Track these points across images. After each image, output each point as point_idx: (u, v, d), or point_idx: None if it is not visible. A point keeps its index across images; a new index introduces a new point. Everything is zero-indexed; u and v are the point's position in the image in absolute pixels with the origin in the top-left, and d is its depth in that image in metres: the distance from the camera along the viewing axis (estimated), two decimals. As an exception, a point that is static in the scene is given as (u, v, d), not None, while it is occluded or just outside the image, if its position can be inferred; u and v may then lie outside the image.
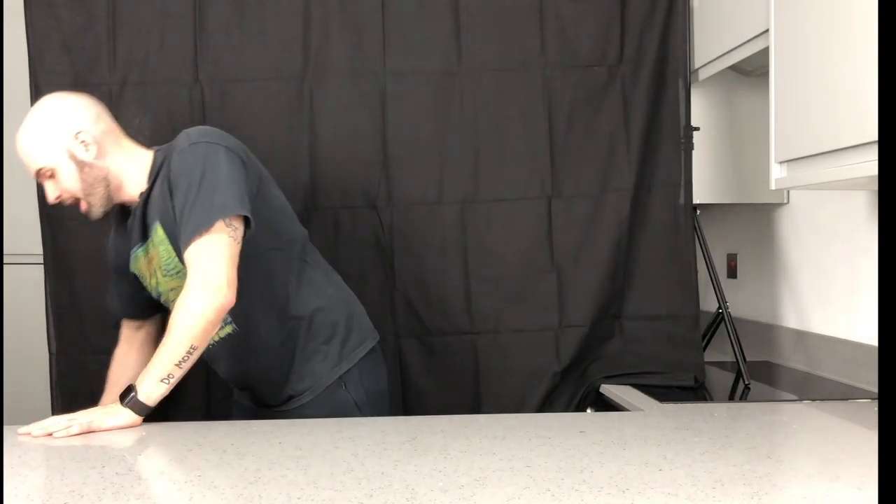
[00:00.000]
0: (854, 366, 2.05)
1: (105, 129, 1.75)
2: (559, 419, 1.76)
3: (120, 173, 1.75)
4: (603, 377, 2.19)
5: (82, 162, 1.70)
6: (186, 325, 1.58)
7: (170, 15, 2.18)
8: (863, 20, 1.49)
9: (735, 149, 2.49)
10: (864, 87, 1.48)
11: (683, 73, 2.25)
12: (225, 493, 1.16)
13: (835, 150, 1.60)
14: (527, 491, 1.16)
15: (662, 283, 2.25)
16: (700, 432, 1.53)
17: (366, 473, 1.24)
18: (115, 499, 1.14)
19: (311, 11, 2.20)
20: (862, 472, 1.24)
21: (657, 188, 2.25)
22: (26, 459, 1.36)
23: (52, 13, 2.16)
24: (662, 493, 1.14)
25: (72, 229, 2.17)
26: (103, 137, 1.74)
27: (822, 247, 2.27)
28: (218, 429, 1.59)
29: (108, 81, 2.17)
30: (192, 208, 1.61)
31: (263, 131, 2.17)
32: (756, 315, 2.60)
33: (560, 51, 2.24)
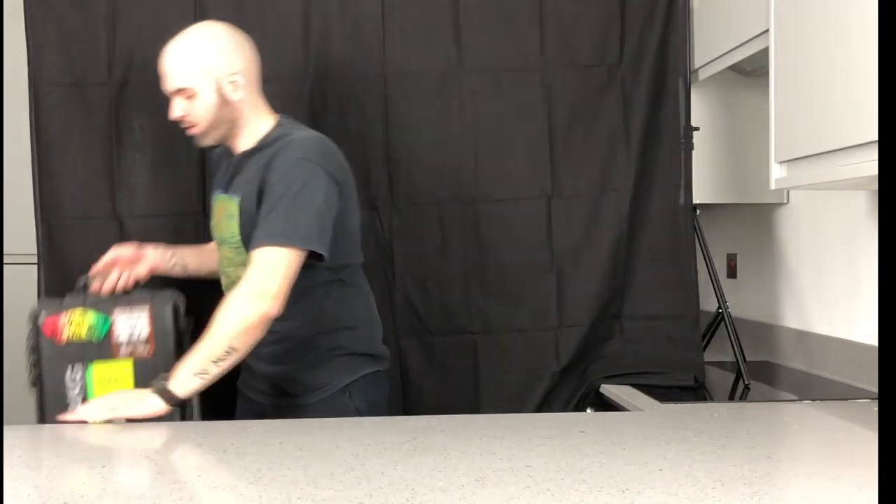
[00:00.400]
0: (854, 366, 2.05)
1: (255, 76, 1.82)
2: (559, 419, 1.76)
3: (246, 124, 1.81)
4: (603, 377, 2.19)
5: (225, 100, 1.77)
6: (229, 325, 1.63)
7: (170, 15, 2.18)
8: (862, 20, 1.49)
9: (735, 149, 2.49)
10: (864, 87, 1.48)
11: (683, 73, 2.25)
12: (225, 493, 1.16)
13: (835, 150, 1.60)
14: (527, 491, 1.16)
15: (662, 283, 2.25)
16: (700, 432, 1.53)
17: (366, 473, 1.24)
18: (115, 499, 1.14)
19: (311, 11, 2.20)
20: (862, 472, 1.24)
21: (657, 188, 2.25)
22: (26, 459, 1.36)
23: (52, 13, 2.16)
24: (662, 493, 1.14)
25: (68, 229, 2.16)
26: (251, 85, 1.80)
27: (822, 247, 2.27)
28: (218, 429, 1.59)
29: (107, 81, 2.16)
30: (278, 217, 1.67)
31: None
32: (756, 315, 2.60)
33: (560, 51, 2.24)
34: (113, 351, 1.80)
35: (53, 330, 1.80)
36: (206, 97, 1.76)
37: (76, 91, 2.16)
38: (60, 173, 2.16)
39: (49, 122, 2.15)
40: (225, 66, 1.77)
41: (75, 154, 2.16)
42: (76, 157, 2.16)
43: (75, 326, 1.79)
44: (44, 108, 2.15)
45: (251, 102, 1.82)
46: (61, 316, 1.80)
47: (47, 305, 1.83)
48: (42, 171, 2.15)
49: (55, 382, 1.79)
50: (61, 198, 2.16)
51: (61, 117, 2.16)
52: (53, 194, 2.16)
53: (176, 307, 1.85)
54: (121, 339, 1.80)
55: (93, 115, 2.16)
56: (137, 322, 1.81)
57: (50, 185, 2.16)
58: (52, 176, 2.16)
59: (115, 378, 1.79)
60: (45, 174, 2.15)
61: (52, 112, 2.15)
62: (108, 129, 2.16)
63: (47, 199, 2.16)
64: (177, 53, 1.78)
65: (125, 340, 1.80)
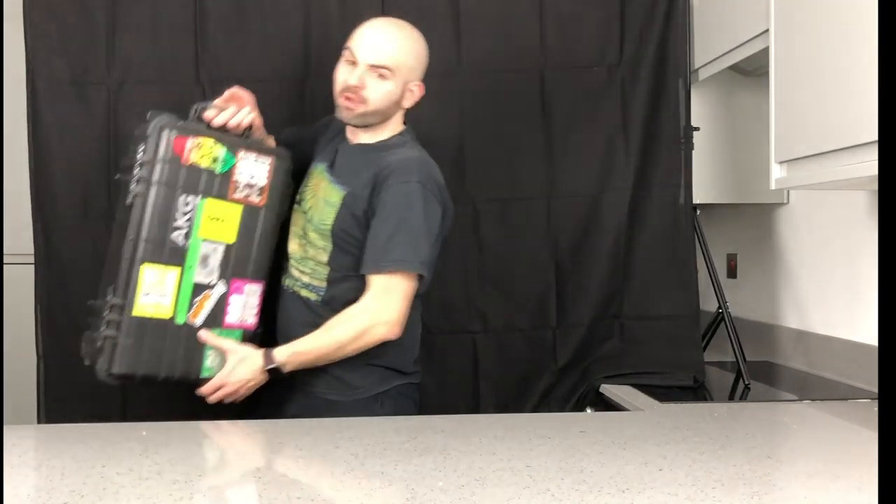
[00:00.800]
0: (854, 366, 2.05)
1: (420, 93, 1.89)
2: (559, 419, 1.76)
3: (385, 125, 1.88)
4: (603, 377, 2.19)
5: (401, 96, 1.84)
6: (350, 335, 1.75)
7: (169, 15, 2.18)
8: (862, 20, 1.49)
9: (735, 149, 2.49)
10: (863, 87, 1.48)
11: (683, 73, 2.25)
12: (225, 492, 1.16)
13: (835, 150, 1.60)
14: (527, 491, 1.16)
15: (662, 283, 2.25)
16: (700, 432, 1.53)
17: (366, 473, 1.24)
18: (115, 499, 1.14)
19: (311, 11, 2.20)
20: (862, 472, 1.24)
21: (657, 188, 2.25)
22: (26, 459, 1.36)
23: (52, 13, 2.15)
24: (662, 493, 1.14)
25: (65, 228, 2.16)
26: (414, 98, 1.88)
27: (822, 247, 2.27)
28: (218, 429, 1.59)
29: (107, 81, 2.16)
30: (401, 243, 1.75)
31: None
32: (756, 315, 2.60)
33: (559, 51, 2.24)
34: (229, 190, 1.75)
35: (181, 148, 1.70)
36: (393, 86, 1.81)
37: (75, 90, 2.16)
38: (58, 173, 2.15)
39: (47, 121, 2.15)
40: (417, 72, 1.86)
41: (73, 154, 2.16)
42: (74, 157, 2.16)
43: (203, 152, 1.72)
44: (42, 108, 2.15)
45: (402, 112, 1.90)
46: (189, 139, 1.71)
47: (167, 122, 1.73)
48: (39, 170, 2.15)
49: (163, 206, 1.70)
50: (58, 197, 2.15)
51: (59, 116, 2.15)
52: (50, 194, 2.15)
53: (290, 168, 1.84)
54: (240, 180, 1.75)
55: (91, 114, 2.16)
56: (259, 169, 1.77)
57: (47, 184, 2.15)
58: (49, 176, 2.15)
59: (222, 218, 1.74)
60: (42, 174, 2.15)
61: (50, 110, 2.15)
62: (107, 128, 2.16)
63: (44, 199, 2.15)
64: (394, 34, 1.82)
65: (244, 182, 1.76)
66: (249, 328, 1.80)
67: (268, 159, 1.79)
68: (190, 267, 1.72)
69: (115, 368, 1.68)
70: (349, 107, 1.80)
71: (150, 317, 1.70)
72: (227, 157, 1.74)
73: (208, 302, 1.75)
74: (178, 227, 1.70)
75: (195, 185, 1.72)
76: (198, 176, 1.72)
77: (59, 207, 2.15)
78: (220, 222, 1.74)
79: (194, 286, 1.73)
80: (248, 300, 1.79)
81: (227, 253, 1.75)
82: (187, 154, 1.70)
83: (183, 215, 1.70)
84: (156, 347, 1.70)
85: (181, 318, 1.73)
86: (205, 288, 1.74)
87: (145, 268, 1.69)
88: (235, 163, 1.75)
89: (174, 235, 1.71)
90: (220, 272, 1.75)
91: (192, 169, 1.71)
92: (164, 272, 1.70)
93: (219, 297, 1.76)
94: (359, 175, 1.82)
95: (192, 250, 1.72)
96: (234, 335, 1.78)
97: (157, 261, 1.69)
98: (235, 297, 1.78)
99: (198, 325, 1.74)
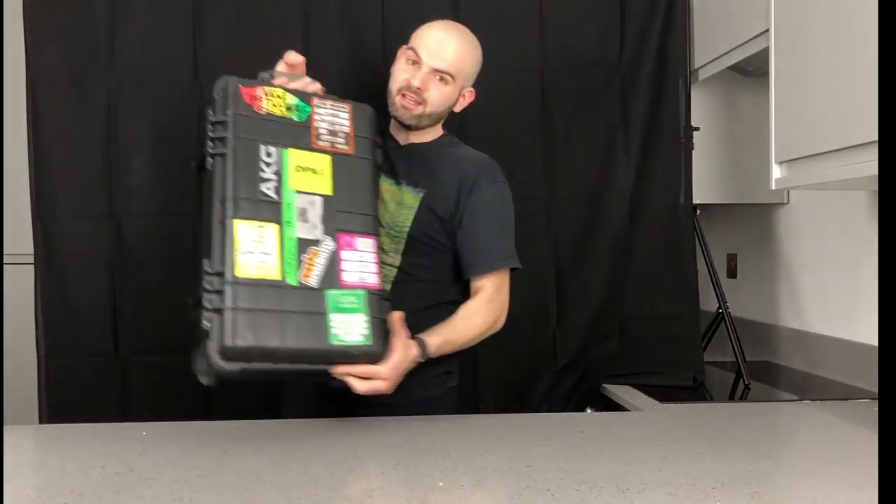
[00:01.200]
0: (854, 366, 2.05)
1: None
2: (559, 419, 1.76)
3: (435, 128, 1.88)
4: (603, 377, 2.19)
5: (454, 100, 1.84)
6: (484, 329, 1.76)
7: (169, 14, 2.18)
8: (863, 20, 1.49)
9: (735, 149, 2.49)
10: (864, 87, 1.48)
11: (683, 73, 2.25)
12: (225, 493, 1.16)
13: (835, 150, 1.60)
14: (527, 491, 1.16)
15: (662, 283, 2.25)
16: (700, 432, 1.53)
17: (366, 473, 1.24)
18: (115, 499, 1.14)
19: (311, 11, 2.20)
20: (862, 472, 1.24)
21: (657, 188, 2.25)
22: (26, 459, 1.36)
23: (52, 13, 2.16)
24: (662, 493, 1.14)
25: (65, 228, 2.16)
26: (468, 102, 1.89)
27: (822, 247, 2.27)
28: (218, 429, 1.59)
29: (107, 81, 2.16)
30: (505, 242, 1.80)
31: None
32: (756, 315, 2.60)
33: (560, 51, 2.24)
34: (311, 139, 1.59)
35: (252, 97, 1.56)
36: (452, 91, 1.81)
37: (74, 90, 2.16)
38: (57, 173, 2.15)
39: (47, 122, 2.15)
40: (472, 79, 1.86)
41: (73, 154, 2.16)
42: (73, 157, 2.16)
43: (275, 101, 1.58)
44: (42, 108, 2.15)
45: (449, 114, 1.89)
46: (258, 88, 1.57)
47: (232, 79, 1.58)
48: (39, 170, 2.15)
49: (245, 158, 1.52)
50: (58, 198, 2.15)
51: (59, 116, 2.15)
52: (50, 194, 2.15)
53: (374, 117, 1.70)
54: (321, 127, 1.60)
55: (91, 114, 2.16)
56: (339, 116, 1.63)
57: (47, 184, 2.15)
58: (49, 176, 2.15)
59: (313, 169, 1.57)
60: (42, 174, 2.15)
61: (50, 110, 2.15)
62: (107, 128, 2.16)
63: (44, 199, 2.15)
64: (459, 39, 1.82)
65: (326, 130, 1.61)
66: (373, 288, 1.55)
67: (345, 106, 1.65)
68: (288, 222, 1.52)
69: (228, 341, 1.39)
70: (407, 106, 1.79)
71: (257, 278, 1.46)
72: (301, 105, 1.60)
73: (318, 259, 1.54)
74: (265, 178, 1.52)
75: (275, 134, 1.56)
76: (275, 125, 1.56)
77: (60, 207, 2.15)
78: (312, 173, 1.57)
79: (298, 242, 1.52)
80: (362, 256, 1.58)
81: (327, 206, 1.56)
82: (259, 103, 1.56)
83: (268, 167, 1.54)
84: (272, 313, 1.45)
85: (292, 278, 1.49)
86: (311, 244, 1.53)
87: (239, 223, 1.48)
88: (312, 111, 1.60)
89: (263, 187, 1.52)
90: (324, 227, 1.55)
91: (268, 118, 1.56)
92: (261, 229, 1.50)
93: (330, 254, 1.54)
94: (434, 175, 1.81)
95: (287, 204, 1.53)
96: (358, 297, 1.53)
97: (250, 217, 1.49)
98: (348, 253, 1.56)
99: (313, 285, 1.50)
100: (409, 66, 1.79)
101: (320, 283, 1.50)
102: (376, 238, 1.60)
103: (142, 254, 2.16)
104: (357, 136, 1.63)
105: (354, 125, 1.64)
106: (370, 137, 1.66)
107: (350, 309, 1.51)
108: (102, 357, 2.13)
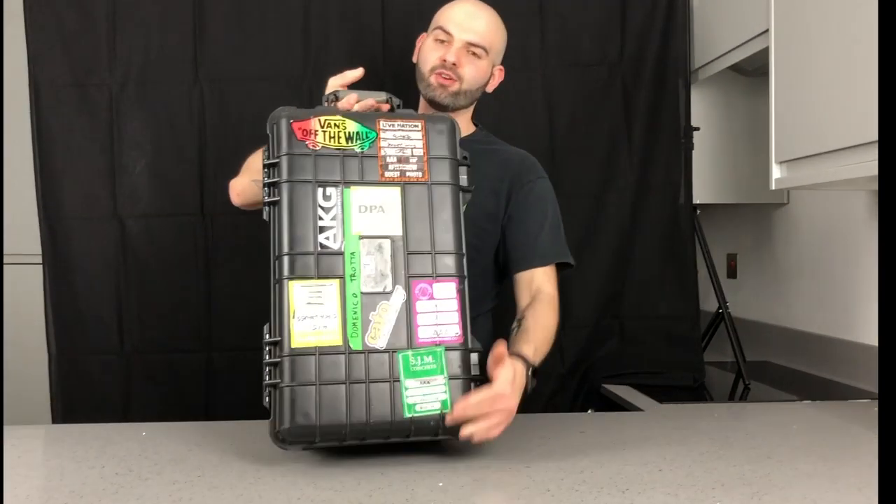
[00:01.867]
0: (854, 366, 2.05)
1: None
2: (559, 419, 1.76)
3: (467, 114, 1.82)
4: (603, 377, 2.19)
5: (487, 77, 1.79)
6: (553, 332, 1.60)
7: (170, 15, 2.18)
8: (863, 20, 1.49)
9: (735, 149, 2.49)
10: (864, 87, 1.48)
11: (683, 73, 2.25)
12: (225, 493, 1.16)
13: (835, 150, 1.60)
14: (527, 491, 1.16)
15: (662, 283, 2.25)
16: (700, 432, 1.53)
17: (366, 473, 1.24)
18: (115, 499, 1.14)
19: (311, 11, 2.20)
20: (862, 472, 1.24)
21: (657, 188, 2.25)
22: (26, 459, 1.36)
23: (52, 13, 2.16)
24: (662, 493, 1.14)
25: (71, 228, 2.17)
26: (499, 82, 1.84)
27: (822, 247, 2.27)
28: (218, 429, 1.59)
29: (107, 81, 2.17)
30: (558, 237, 1.74)
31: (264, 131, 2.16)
32: (756, 315, 2.60)
33: (560, 50, 2.24)
34: (378, 170, 1.37)
35: (306, 132, 1.37)
36: (486, 66, 1.76)
37: (77, 91, 2.16)
38: (61, 174, 2.16)
39: (50, 123, 2.16)
40: (501, 55, 1.82)
41: (76, 154, 2.17)
42: (77, 158, 2.17)
43: (334, 129, 1.38)
44: (44, 109, 2.16)
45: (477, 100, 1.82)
46: (312, 119, 1.38)
47: (282, 112, 1.40)
48: (43, 171, 2.16)
49: (300, 206, 1.33)
50: (62, 198, 2.16)
51: (62, 117, 2.16)
52: (55, 195, 2.16)
53: (454, 128, 1.45)
54: (389, 154, 1.38)
55: (93, 115, 2.16)
56: (409, 137, 1.41)
57: (51, 185, 2.16)
58: (53, 176, 2.16)
59: (379, 205, 1.36)
60: (47, 174, 2.16)
61: (53, 112, 2.16)
62: (109, 129, 2.16)
63: (49, 200, 2.16)
64: (486, 14, 1.77)
65: (395, 156, 1.38)
66: (454, 342, 1.34)
67: (417, 123, 1.43)
68: (351, 275, 1.33)
69: (283, 423, 1.25)
70: (444, 84, 1.72)
71: (316, 346, 1.29)
72: (364, 132, 1.39)
73: (387, 315, 1.33)
74: (324, 226, 1.34)
75: (333, 172, 1.36)
76: (334, 161, 1.36)
77: (65, 208, 2.16)
78: (378, 213, 1.36)
79: (363, 298, 1.32)
80: (441, 305, 1.35)
81: (396, 250, 1.35)
82: (314, 137, 1.37)
83: (326, 212, 1.35)
84: (335, 386, 1.28)
85: (356, 341, 1.31)
86: (379, 298, 1.33)
87: (294, 284, 1.31)
88: (377, 136, 1.39)
89: (322, 237, 1.33)
90: (393, 275, 1.34)
91: (324, 153, 1.36)
92: (319, 288, 1.32)
93: (400, 307, 1.34)
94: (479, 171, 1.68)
95: (350, 254, 1.34)
96: (436, 355, 1.32)
97: (307, 275, 1.31)
98: (424, 304, 1.34)
99: (381, 347, 1.31)
100: (439, 45, 1.74)
101: (390, 344, 1.32)
102: (458, 280, 1.36)
103: (146, 253, 2.17)
104: (432, 158, 1.41)
105: (428, 144, 1.42)
106: (448, 157, 1.42)
107: (426, 372, 1.31)
108: (110, 355, 2.15)
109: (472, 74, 1.74)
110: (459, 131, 1.47)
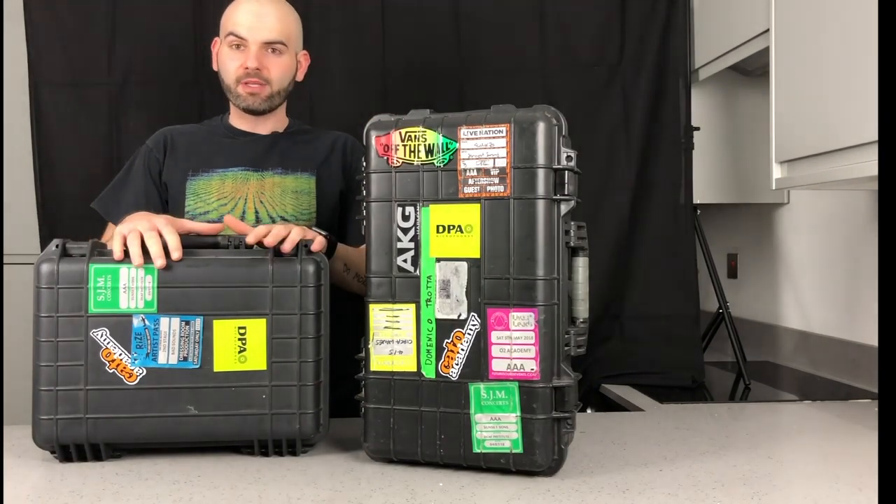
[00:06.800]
0: (854, 366, 2.05)
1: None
2: (559, 419, 1.75)
3: (281, 107, 1.81)
4: (603, 377, 2.19)
5: (294, 69, 1.78)
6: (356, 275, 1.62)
7: (170, 14, 2.19)
8: (863, 20, 1.49)
9: (735, 149, 2.49)
10: (864, 87, 1.48)
11: (683, 73, 2.25)
12: (225, 493, 1.16)
13: (835, 150, 1.60)
14: (527, 491, 1.16)
15: (662, 283, 2.25)
16: (700, 432, 1.53)
17: (366, 473, 1.24)
18: (115, 499, 1.14)
19: (311, 11, 2.20)
20: (862, 472, 1.24)
21: (657, 188, 2.25)
22: (26, 459, 1.36)
23: (52, 13, 2.16)
24: (662, 493, 1.14)
25: (68, 229, 2.17)
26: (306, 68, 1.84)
27: (822, 247, 2.27)
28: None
29: (107, 81, 2.17)
30: None
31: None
32: (756, 315, 2.60)
33: (560, 51, 2.24)
34: (458, 185, 1.28)
35: (385, 147, 1.31)
36: (289, 59, 1.74)
37: (76, 91, 2.16)
38: (60, 173, 2.17)
39: (49, 122, 2.16)
40: (301, 40, 1.80)
41: (75, 154, 2.17)
42: (76, 157, 2.17)
43: (414, 143, 1.31)
44: (44, 108, 2.16)
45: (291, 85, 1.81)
46: (392, 133, 1.31)
47: (372, 122, 1.33)
48: (43, 171, 2.16)
49: (381, 227, 1.30)
50: (62, 198, 2.17)
51: (61, 117, 2.16)
52: (54, 195, 2.16)
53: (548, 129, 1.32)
54: (469, 167, 1.28)
55: (93, 114, 2.17)
56: (492, 144, 1.30)
57: (50, 185, 2.16)
58: (53, 176, 2.16)
59: (457, 223, 1.28)
60: (46, 174, 2.16)
61: (53, 112, 2.16)
62: (108, 128, 2.16)
63: (48, 200, 2.16)
64: (273, 6, 1.72)
65: (475, 169, 1.27)
66: (528, 378, 1.24)
67: (502, 128, 1.31)
68: (427, 300, 1.28)
69: (366, 440, 1.30)
70: (255, 91, 1.70)
71: (392, 371, 1.28)
72: (445, 143, 1.30)
73: (461, 344, 1.27)
74: (402, 249, 1.29)
75: (411, 190, 1.29)
76: (411, 178, 1.29)
77: (64, 208, 2.16)
78: (456, 233, 1.28)
79: (438, 324, 1.27)
80: (516, 336, 1.25)
81: (473, 273, 1.26)
82: (394, 153, 1.31)
83: (405, 233, 1.30)
84: (408, 415, 1.28)
85: (429, 369, 1.27)
86: (454, 325, 1.27)
87: (374, 308, 1.30)
88: (458, 146, 1.30)
89: (400, 260, 1.29)
90: (468, 301, 1.26)
91: (402, 171, 1.30)
92: (396, 313, 1.30)
93: (474, 336, 1.26)
94: (322, 161, 1.76)
95: (427, 277, 1.28)
96: (509, 391, 1.24)
97: (384, 299, 1.29)
98: (499, 334, 1.26)
99: (453, 377, 1.26)
100: (235, 52, 1.70)
101: (463, 375, 1.26)
102: (537, 310, 1.24)
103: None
104: (516, 168, 1.27)
105: (513, 151, 1.29)
106: (536, 166, 1.27)
107: (498, 408, 1.24)
108: None
109: (279, 73, 1.72)
110: (561, 126, 1.34)
